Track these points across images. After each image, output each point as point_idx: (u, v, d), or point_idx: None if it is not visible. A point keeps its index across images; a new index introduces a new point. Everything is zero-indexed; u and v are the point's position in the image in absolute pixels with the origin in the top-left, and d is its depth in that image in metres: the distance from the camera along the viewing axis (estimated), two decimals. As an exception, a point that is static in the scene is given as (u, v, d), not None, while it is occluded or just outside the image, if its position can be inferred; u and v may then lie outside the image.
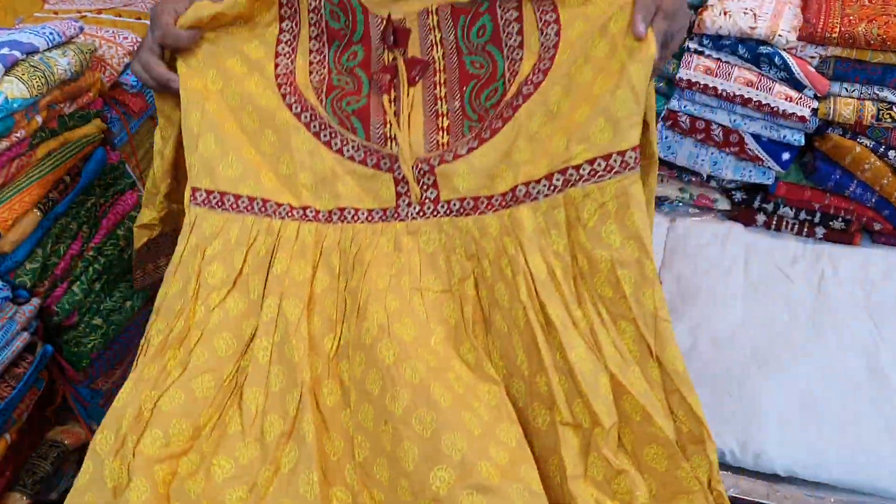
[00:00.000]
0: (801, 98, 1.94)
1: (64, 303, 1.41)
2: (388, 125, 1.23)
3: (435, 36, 1.24)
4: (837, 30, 1.89)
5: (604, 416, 1.03)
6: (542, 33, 1.19)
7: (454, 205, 1.21)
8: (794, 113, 1.93)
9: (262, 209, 1.23)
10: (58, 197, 1.39)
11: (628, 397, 1.04)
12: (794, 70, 1.92)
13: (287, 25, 1.28)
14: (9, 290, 1.29)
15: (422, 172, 1.21)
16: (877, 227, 2.06)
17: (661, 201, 2.25)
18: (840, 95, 1.97)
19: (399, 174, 1.23)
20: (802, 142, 2.00)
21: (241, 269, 1.20)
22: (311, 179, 1.25)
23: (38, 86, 1.27)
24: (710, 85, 1.98)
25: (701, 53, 2.01)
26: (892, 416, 1.57)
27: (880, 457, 1.50)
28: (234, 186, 1.23)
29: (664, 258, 2.09)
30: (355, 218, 1.24)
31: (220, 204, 1.23)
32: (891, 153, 1.95)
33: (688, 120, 2.07)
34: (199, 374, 1.11)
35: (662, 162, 2.21)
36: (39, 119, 1.32)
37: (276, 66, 1.27)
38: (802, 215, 2.12)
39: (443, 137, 1.23)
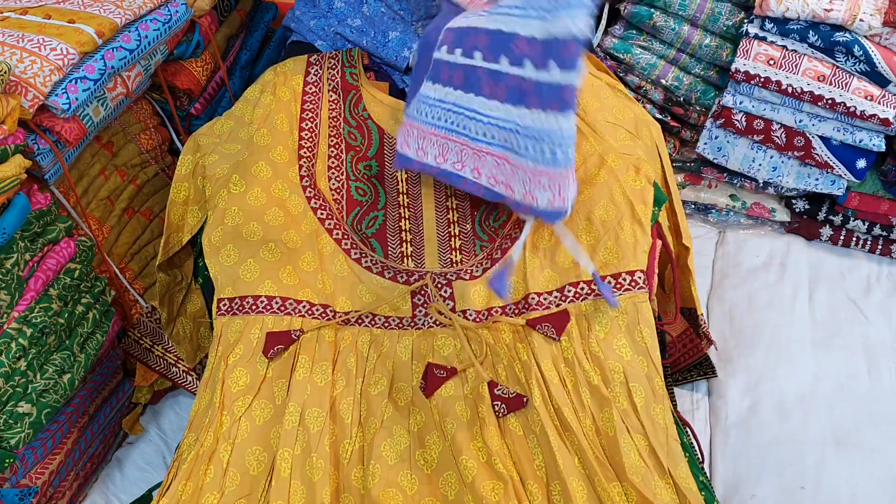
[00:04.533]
0: (883, 96, 1.66)
1: (-23, 394, 1.13)
2: (404, 244, 1.37)
3: None
4: (933, 13, 1.58)
5: None
6: None
7: (469, 314, 1.29)
8: (874, 114, 1.66)
9: (282, 308, 1.28)
10: (-36, 264, 1.10)
11: None
12: (876, 62, 1.63)
13: (306, 134, 1.42)
14: None
15: (439, 286, 1.32)
16: (966, 246, 1.75)
17: (708, 209, 1.95)
18: (932, 92, 1.67)
19: (414, 283, 1.33)
20: (883, 147, 1.72)
21: (265, 375, 1.23)
22: (331, 280, 1.34)
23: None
24: (773, 78, 1.70)
25: (763, 40, 1.70)
26: None
27: None
28: (253, 289, 1.29)
29: (713, 282, 1.80)
30: (373, 323, 1.31)
31: (241, 309, 1.28)
32: None
33: (744, 118, 1.78)
34: (235, 501, 1.13)
35: (711, 164, 1.90)
36: (-68, 169, 1.03)
37: (301, 167, 1.39)
38: (876, 230, 1.84)
39: (456, 256, 1.35)
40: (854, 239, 1.86)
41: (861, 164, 1.74)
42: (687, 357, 1.51)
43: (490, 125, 1.20)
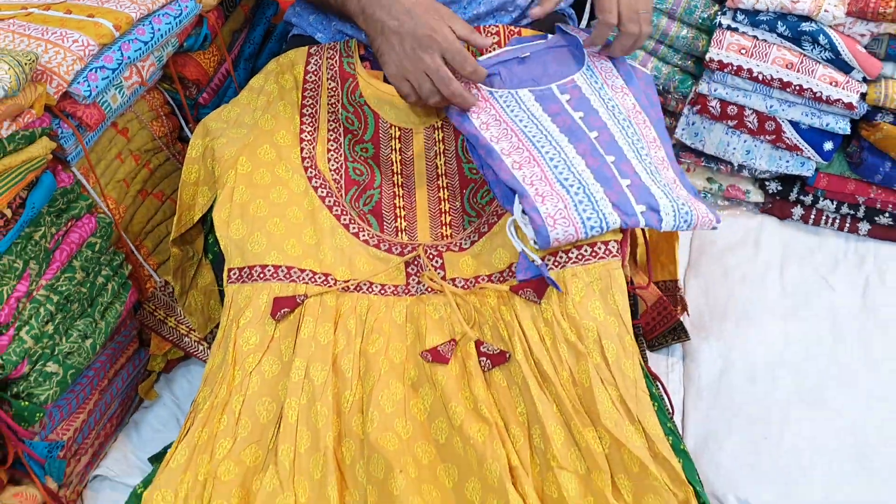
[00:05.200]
0: (847, 82, 1.75)
1: (10, 353, 1.24)
2: (399, 220, 1.48)
3: (439, 147, 1.50)
4: (893, 3, 1.68)
5: (602, 462, 1.16)
6: None
7: (458, 282, 1.40)
8: (839, 99, 1.75)
9: (287, 276, 1.39)
10: (-2, 233, 1.21)
11: (625, 450, 1.16)
12: (840, 50, 1.74)
13: (307, 119, 1.53)
14: (-61, 350, 1.12)
15: (430, 257, 1.43)
16: (929, 223, 1.86)
17: (687, 192, 2.05)
18: (893, 78, 1.78)
19: (408, 254, 1.45)
20: (848, 130, 1.81)
21: (273, 335, 1.33)
22: (331, 252, 1.43)
23: (-35, 109, 1.08)
24: (745, 66, 1.79)
25: (735, 31, 1.80)
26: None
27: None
28: (260, 259, 1.39)
29: (690, 258, 1.90)
30: (370, 290, 1.41)
31: (249, 277, 1.38)
32: (949, 144, 1.74)
33: (718, 105, 1.87)
34: (247, 446, 1.25)
35: (689, 149, 2.01)
36: (-31, 147, 1.14)
37: (302, 150, 1.50)
38: (844, 209, 1.93)
39: (446, 230, 1.46)
40: (824, 218, 1.96)
41: (828, 146, 1.84)
42: (662, 323, 1.62)
43: (563, 167, 1.33)
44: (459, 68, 1.38)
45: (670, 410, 1.37)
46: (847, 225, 1.94)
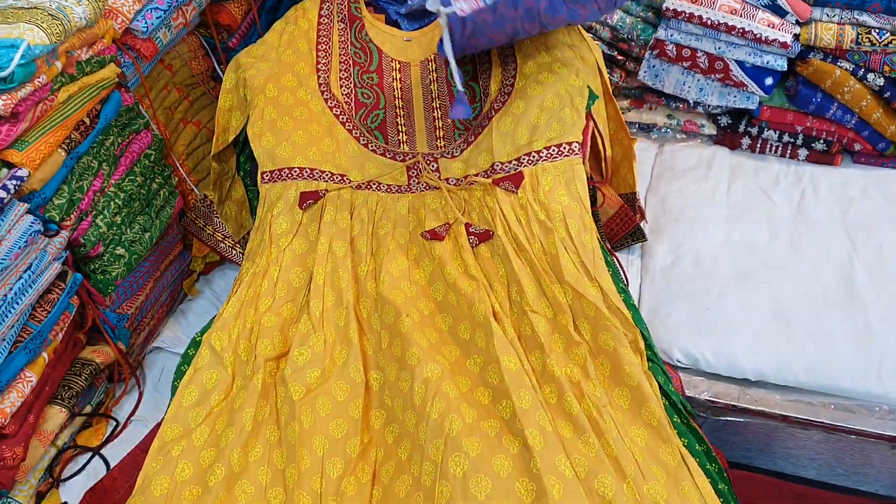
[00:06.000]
0: (783, 24, 2.02)
1: (90, 235, 1.53)
2: (401, 133, 1.78)
3: (433, 75, 1.83)
4: (819, -44, 1.96)
5: (566, 309, 1.47)
6: (504, 69, 1.77)
7: (451, 181, 1.70)
8: (776, 39, 2.01)
9: (311, 175, 1.69)
10: (79, 138, 1.50)
11: (584, 300, 1.45)
12: (776, -4, 2.00)
13: (322, 54, 1.82)
14: (40, 224, 1.40)
15: (427, 162, 1.73)
16: (857, 147, 2.14)
17: (650, 128, 2.34)
18: (821, 21, 2.04)
19: (409, 160, 1.72)
20: (785, 67, 2.08)
21: (301, 221, 1.64)
22: (346, 158, 1.72)
23: (56, 33, 1.37)
24: (696, 13, 2.05)
25: (687, -18, 2.07)
26: (861, 326, 1.68)
27: (844, 362, 1.62)
28: (288, 162, 1.69)
29: (651, 181, 2.18)
30: (378, 188, 1.71)
31: (279, 177, 1.69)
32: (870, 76, 2.02)
33: (674, 48, 2.15)
34: (284, 303, 1.54)
35: (651, 90, 2.30)
36: (59, 65, 1.42)
37: (318, 78, 1.80)
38: (786, 138, 2.21)
39: (440, 143, 1.77)
40: (768, 146, 2.24)
41: (769, 81, 2.12)
42: (624, 228, 1.91)
43: None
44: None
45: (625, 280, 1.67)
46: (788, 152, 2.22)
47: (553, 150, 1.64)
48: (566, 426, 1.32)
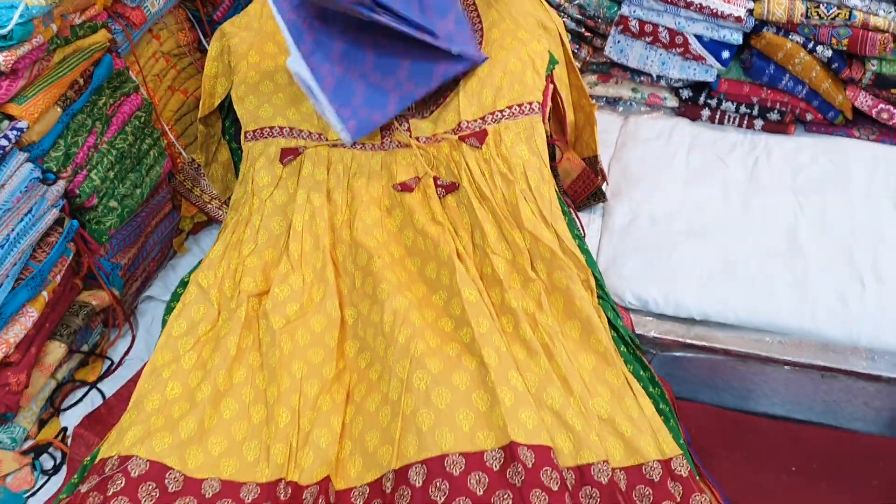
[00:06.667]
0: None
1: (85, 187, 1.65)
2: None
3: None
4: (770, -65, 2.09)
5: (524, 251, 1.60)
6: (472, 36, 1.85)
7: (421, 139, 1.80)
8: (731, 14, 2.14)
9: (291, 133, 1.80)
10: (74, 96, 1.61)
11: (541, 243, 1.59)
12: (731, -26, 2.12)
13: None
14: (39, 172, 1.52)
15: (400, 123, 1.81)
16: (809, 117, 2.28)
17: (616, 101, 2.46)
18: (773, -3, 2.16)
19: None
20: (740, 40, 2.21)
21: (281, 175, 1.75)
22: (322, 119, 1.77)
23: (51, -3, 1.49)
24: None
25: (648, -39, 2.20)
26: (800, 274, 1.82)
27: (781, 302, 1.76)
28: (269, 122, 1.80)
29: (615, 149, 2.31)
30: (353, 146, 1.79)
31: (261, 135, 1.80)
32: (818, 48, 2.16)
33: (637, 24, 2.27)
34: (266, 248, 1.66)
35: (616, 65, 2.42)
36: (54, 27, 1.54)
37: None
38: (743, 109, 2.34)
39: (411, 106, 1.82)
40: (727, 118, 2.37)
41: (725, 54, 2.25)
42: (586, 189, 2.04)
43: None
44: None
45: (582, 231, 1.80)
46: (745, 122, 2.35)
47: (515, 109, 1.76)
48: (520, 349, 1.45)
